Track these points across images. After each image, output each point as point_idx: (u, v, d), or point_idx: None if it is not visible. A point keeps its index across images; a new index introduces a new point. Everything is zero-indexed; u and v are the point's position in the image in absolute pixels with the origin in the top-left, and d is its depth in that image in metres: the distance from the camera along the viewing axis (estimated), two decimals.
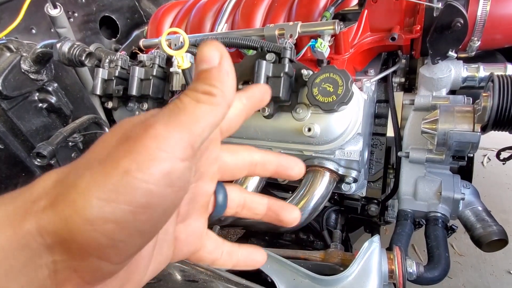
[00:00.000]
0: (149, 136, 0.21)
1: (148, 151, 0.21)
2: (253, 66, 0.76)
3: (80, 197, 0.21)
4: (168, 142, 0.21)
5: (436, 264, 0.71)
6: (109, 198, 0.20)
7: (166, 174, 0.21)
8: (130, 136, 0.22)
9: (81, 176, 0.21)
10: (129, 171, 0.21)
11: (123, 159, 0.21)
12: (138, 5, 1.40)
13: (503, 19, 0.78)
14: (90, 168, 0.21)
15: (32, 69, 0.64)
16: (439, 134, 0.75)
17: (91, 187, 0.21)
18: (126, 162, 0.21)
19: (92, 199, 0.20)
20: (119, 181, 0.21)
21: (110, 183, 0.21)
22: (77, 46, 0.60)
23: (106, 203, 0.20)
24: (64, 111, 0.73)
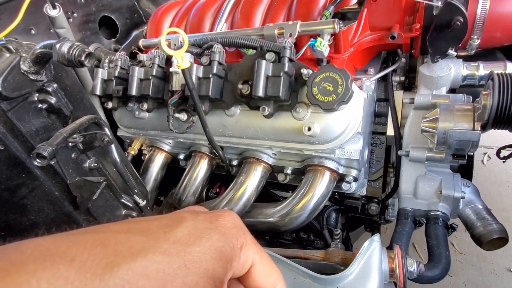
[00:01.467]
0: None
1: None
2: (252, 66, 0.76)
3: None
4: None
5: (437, 263, 0.71)
6: None
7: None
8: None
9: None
10: None
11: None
12: (138, 5, 1.40)
13: (502, 17, 0.78)
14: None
15: (31, 70, 0.64)
16: (439, 132, 0.75)
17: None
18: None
19: None
20: None
21: None
22: (76, 46, 0.60)
23: None
24: (64, 112, 0.72)
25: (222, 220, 0.33)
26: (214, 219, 0.33)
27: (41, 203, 0.73)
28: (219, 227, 0.32)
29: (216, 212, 0.35)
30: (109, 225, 0.31)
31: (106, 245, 0.27)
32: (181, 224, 0.31)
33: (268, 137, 0.88)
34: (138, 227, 0.31)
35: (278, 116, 0.82)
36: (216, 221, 0.33)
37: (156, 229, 0.31)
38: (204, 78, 0.82)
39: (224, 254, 0.30)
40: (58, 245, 0.26)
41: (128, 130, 1.12)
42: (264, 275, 0.35)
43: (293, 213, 0.87)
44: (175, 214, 0.34)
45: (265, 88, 0.75)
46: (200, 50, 0.90)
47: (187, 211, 0.36)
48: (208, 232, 0.31)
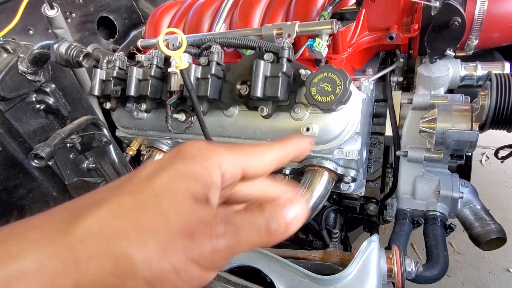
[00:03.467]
0: (211, 249, 0.25)
1: (202, 261, 0.25)
2: (251, 66, 0.76)
3: (131, 275, 0.24)
4: (221, 260, 0.26)
5: (435, 263, 0.71)
6: (153, 285, 0.25)
7: (203, 280, 0.26)
8: (194, 235, 0.25)
9: (136, 252, 0.24)
10: (179, 272, 0.25)
11: (181, 257, 0.25)
12: (136, 5, 1.40)
13: (500, 18, 0.78)
14: (145, 246, 0.24)
15: (29, 70, 0.64)
16: (437, 133, 0.75)
17: (143, 270, 0.24)
18: (182, 262, 0.25)
19: (140, 280, 0.24)
20: (167, 275, 0.25)
21: (160, 273, 0.24)
22: (74, 46, 0.60)
23: (147, 286, 0.25)
24: (62, 112, 0.72)
25: (183, 150, 0.30)
26: (175, 152, 0.30)
27: (39, 203, 0.73)
28: (183, 155, 0.29)
29: (177, 146, 0.32)
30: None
31: (71, 206, 0.27)
32: (142, 169, 0.30)
33: (266, 138, 0.88)
34: (104, 186, 0.31)
35: (277, 117, 0.82)
36: (177, 153, 0.30)
37: (120, 180, 0.30)
38: (202, 79, 0.82)
39: (197, 176, 0.28)
40: (28, 219, 0.27)
41: (127, 131, 1.12)
42: (262, 162, 0.32)
43: None
44: (143, 164, 0.33)
45: (264, 88, 0.75)
46: (198, 50, 0.90)
47: (147, 162, 0.34)
48: (171, 163, 0.29)
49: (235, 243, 0.27)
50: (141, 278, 0.24)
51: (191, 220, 0.26)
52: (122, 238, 0.24)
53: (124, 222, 0.25)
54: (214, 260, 0.26)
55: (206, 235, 0.25)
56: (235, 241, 0.27)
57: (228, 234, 0.26)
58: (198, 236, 0.25)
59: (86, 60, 0.61)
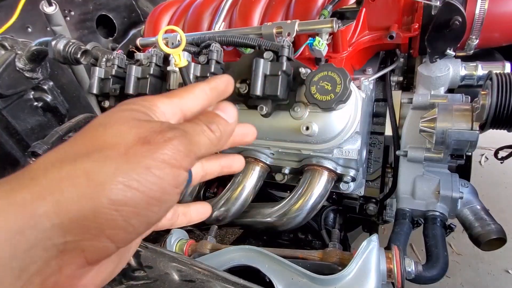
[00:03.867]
0: (169, 147, 0.27)
1: (167, 157, 0.27)
2: (250, 65, 0.76)
3: (107, 181, 0.24)
4: (182, 156, 0.28)
5: (435, 263, 0.71)
6: (131, 186, 0.25)
7: (176, 177, 0.27)
8: (150, 141, 0.27)
9: (105, 164, 0.25)
10: (150, 168, 0.25)
11: (146, 158, 0.26)
12: (135, 4, 1.39)
13: (501, 18, 0.78)
14: (111, 158, 0.25)
15: (27, 67, 0.64)
16: (438, 132, 0.75)
17: (118, 174, 0.24)
18: (149, 161, 0.26)
19: (118, 183, 0.24)
20: (141, 173, 0.25)
21: (134, 173, 0.25)
22: (72, 43, 0.59)
23: (128, 189, 0.24)
24: (60, 110, 0.72)
25: (120, 104, 0.32)
26: (113, 109, 0.31)
27: None
28: (121, 106, 0.31)
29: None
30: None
31: (30, 165, 0.27)
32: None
33: (266, 137, 0.87)
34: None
35: (276, 116, 0.82)
36: (116, 108, 0.31)
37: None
38: (201, 77, 0.81)
39: (139, 111, 0.30)
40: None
41: None
42: (196, 100, 0.35)
43: (290, 213, 0.87)
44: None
45: (263, 87, 0.74)
46: (198, 49, 0.90)
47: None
48: (112, 112, 0.30)
49: (188, 142, 0.29)
50: (119, 181, 0.25)
51: (143, 131, 0.27)
52: (86, 158, 0.25)
53: (81, 147, 0.26)
54: (176, 156, 0.27)
55: (160, 138, 0.27)
56: (187, 140, 0.29)
57: (179, 135, 0.28)
58: (153, 141, 0.27)
59: (84, 57, 0.60)
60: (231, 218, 0.92)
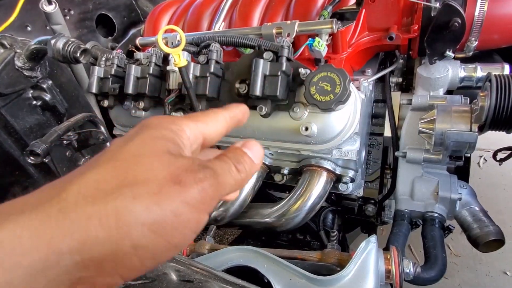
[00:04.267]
0: (199, 190, 0.27)
1: (195, 201, 0.27)
2: (250, 65, 0.76)
3: (134, 223, 0.24)
4: (209, 200, 0.28)
5: (433, 264, 0.71)
6: (156, 231, 0.25)
7: (199, 222, 0.27)
8: (181, 181, 0.27)
9: (135, 204, 0.24)
10: (178, 213, 0.26)
11: (175, 201, 0.26)
12: (135, 4, 1.39)
13: (500, 19, 0.78)
14: (142, 198, 0.25)
15: (26, 66, 0.64)
16: (437, 134, 0.75)
17: (146, 217, 0.24)
18: (177, 204, 0.26)
19: (144, 227, 0.24)
20: (168, 219, 0.25)
21: (161, 218, 0.25)
22: (71, 42, 0.59)
23: (153, 234, 0.25)
24: (58, 109, 0.72)
25: (148, 121, 0.33)
26: (140, 125, 0.32)
27: None
28: (149, 125, 0.32)
29: (140, 122, 0.34)
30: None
31: (54, 182, 0.27)
32: (113, 141, 0.31)
33: (265, 137, 0.87)
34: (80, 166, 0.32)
35: (276, 116, 0.82)
36: (143, 125, 0.32)
37: (96, 156, 0.31)
38: (201, 77, 0.81)
39: (167, 137, 0.30)
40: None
41: (125, 129, 1.11)
42: (216, 128, 0.37)
43: (289, 214, 0.87)
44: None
45: (263, 87, 0.74)
46: (197, 48, 0.90)
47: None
48: (141, 131, 0.31)
49: (217, 183, 0.29)
50: (145, 225, 0.25)
51: (174, 169, 0.27)
52: (117, 195, 0.25)
53: (113, 183, 0.26)
54: (204, 200, 0.27)
55: (191, 179, 0.27)
56: (216, 182, 0.29)
57: (209, 176, 0.28)
58: (184, 181, 0.27)
59: (83, 56, 0.60)
60: (229, 218, 0.92)
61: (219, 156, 0.33)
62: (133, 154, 0.28)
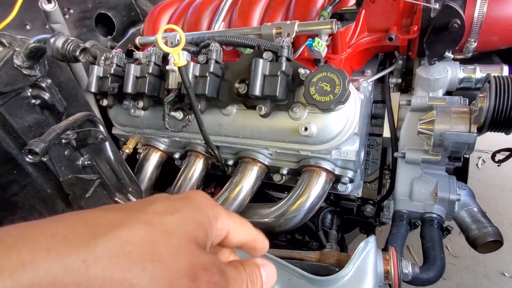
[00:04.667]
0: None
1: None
2: (250, 65, 0.76)
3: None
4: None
5: (432, 265, 0.71)
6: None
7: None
8: (196, 278, 0.27)
9: (148, 283, 0.26)
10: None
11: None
12: (135, 3, 1.39)
13: (499, 21, 0.79)
14: (155, 279, 0.26)
15: (25, 65, 0.63)
16: (436, 134, 0.75)
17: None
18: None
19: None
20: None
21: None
22: (71, 41, 0.59)
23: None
24: (57, 108, 0.71)
25: (193, 197, 0.35)
26: (186, 197, 0.35)
27: (32, 200, 0.72)
28: (193, 202, 0.34)
29: (186, 193, 0.37)
30: (87, 210, 0.32)
31: (86, 220, 0.27)
32: (156, 202, 0.32)
33: (264, 137, 0.87)
34: (116, 207, 0.33)
35: (275, 116, 0.82)
36: (188, 199, 0.34)
37: (133, 206, 0.32)
38: (200, 77, 0.81)
39: (201, 222, 0.32)
40: (36, 224, 0.26)
41: (123, 128, 1.11)
42: (240, 233, 0.38)
43: (288, 214, 0.87)
44: (147, 197, 0.36)
45: (262, 87, 0.74)
46: (197, 48, 0.90)
47: (157, 195, 0.38)
48: (183, 205, 0.32)
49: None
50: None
51: (195, 263, 0.29)
52: (137, 267, 0.26)
53: (140, 251, 0.26)
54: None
55: (205, 279, 0.28)
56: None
57: (222, 283, 0.30)
58: (199, 279, 0.28)
59: (83, 55, 0.60)
60: None
61: (236, 265, 0.35)
62: (167, 231, 0.29)
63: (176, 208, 0.31)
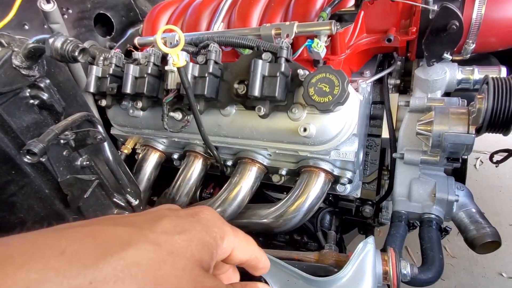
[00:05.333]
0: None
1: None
2: (249, 65, 0.76)
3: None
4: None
5: (430, 266, 0.71)
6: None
7: None
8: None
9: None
10: None
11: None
12: (134, 3, 1.39)
13: (497, 23, 0.79)
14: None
15: (23, 65, 0.63)
16: (434, 135, 0.75)
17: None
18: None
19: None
20: None
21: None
22: (70, 41, 0.59)
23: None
24: (56, 108, 0.71)
25: (201, 214, 0.35)
26: (194, 214, 0.35)
27: (30, 201, 0.71)
28: (201, 220, 0.34)
29: (195, 209, 0.37)
30: (95, 219, 0.32)
31: (95, 237, 0.28)
32: (164, 219, 0.33)
33: (263, 138, 0.87)
34: (124, 220, 0.33)
35: (274, 117, 0.82)
36: (196, 216, 0.35)
37: (142, 223, 0.32)
38: (200, 77, 0.81)
39: (208, 243, 0.33)
40: (47, 237, 0.27)
41: (122, 129, 1.10)
42: (243, 252, 0.38)
43: (287, 215, 0.87)
44: (156, 211, 0.36)
45: (261, 88, 0.74)
46: (196, 49, 0.90)
47: (166, 208, 0.38)
48: (191, 224, 0.33)
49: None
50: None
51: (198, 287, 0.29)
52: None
53: (146, 275, 0.27)
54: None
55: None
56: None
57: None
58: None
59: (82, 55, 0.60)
60: (227, 219, 0.91)
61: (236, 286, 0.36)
62: (173, 252, 0.29)
63: (184, 228, 0.32)
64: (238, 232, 0.38)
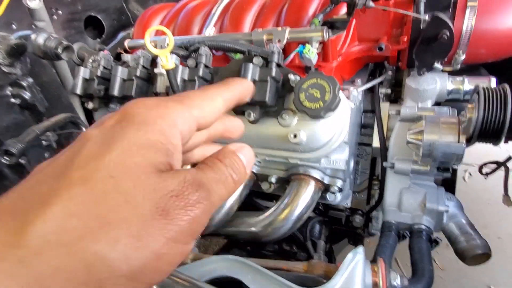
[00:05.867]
0: (189, 219, 0.23)
1: (182, 236, 0.23)
2: (239, 70, 0.74)
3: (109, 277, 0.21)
4: (200, 227, 0.25)
5: (420, 277, 0.70)
6: (134, 278, 0.22)
7: (184, 253, 0.25)
8: (168, 212, 0.23)
9: (111, 252, 0.21)
10: (161, 255, 0.22)
11: (159, 241, 0.22)
12: (126, 7, 1.38)
13: (487, 34, 0.80)
14: (120, 243, 0.21)
15: (5, 62, 0.61)
16: (425, 145, 0.75)
17: (123, 267, 0.21)
18: (161, 245, 0.22)
19: (121, 279, 0.21)
20: (149, 265, 0.22)
21: (141, 265, 0.22)
22: (53, 38, 0.57)
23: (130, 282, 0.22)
24: (38, 108, 0.69)
25: (131, 112, 0.27)
26: (122, 115, 0.27)
27: None
28: (133, 120, 0.26)
29: (121, 110, 0.28)
30: (15, 188, 0.26)
31: (14, 207, 0.22)
32: (87, 144, 0.25)
33: (252, 144, 0.86)
34: (47, 170, 0.26)
35: (264, 122, 0.81)
36: (125, 119, 0.27)
37: (62, 160, 0.26)
38: (189, 81, 0.79)
39: (153, 142, 0.25)
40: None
41: None
42: (211, 113, 0.33)
43: (276, 223, 0.85)
44: (79, 138, 0.28)
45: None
46: (187, 52, 0.88)
47: (93, 126, 0.29)
48: (121, 132, 0.25)
49: (210, 205, 0.25)
50: (122, 277, 0.21)
51: (160, 197, 0.23)
52: (88, 240, 0.21)
53: (85, 220, 0.21)
54: (193, 231, 0.24)
55: (181, 207, 0.23)
56: (210, 203, 0.25)
57: (202, 199, 0.25)
58: (172, 212, 0.23)
59: (65, 53, 0.58)
60: (215, 227, 0.89)
61: (213, 162, 0.29)
62: (111, 175, 0.23)
63: (113, 140, 0.25)
64: (189, 99, 0.31)
